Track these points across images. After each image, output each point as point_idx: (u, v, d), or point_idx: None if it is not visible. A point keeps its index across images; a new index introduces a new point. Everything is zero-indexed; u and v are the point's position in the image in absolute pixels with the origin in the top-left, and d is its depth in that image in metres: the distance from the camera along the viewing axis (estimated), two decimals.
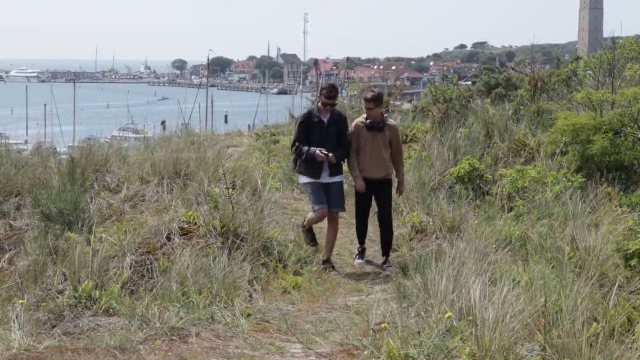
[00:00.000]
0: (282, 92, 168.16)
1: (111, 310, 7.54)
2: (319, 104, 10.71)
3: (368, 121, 10.57)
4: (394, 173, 10.89)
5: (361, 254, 10.83)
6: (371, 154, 10.53)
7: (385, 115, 11.03)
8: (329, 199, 10.48)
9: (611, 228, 10.54)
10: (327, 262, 10.42)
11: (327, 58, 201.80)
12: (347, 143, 10.66)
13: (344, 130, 10.74)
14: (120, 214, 11.99)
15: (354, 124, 10.83)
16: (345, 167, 11.20)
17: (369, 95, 10.79)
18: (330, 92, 10.62)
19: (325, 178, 10.51)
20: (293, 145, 10.65)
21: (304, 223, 10.94)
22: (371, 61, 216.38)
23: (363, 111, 11.02)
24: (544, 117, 16.91)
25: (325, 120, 10.58)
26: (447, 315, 6.04)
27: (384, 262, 10.52)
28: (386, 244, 10.68)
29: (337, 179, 10.70)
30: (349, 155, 10.71)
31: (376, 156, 10.55)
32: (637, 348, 5.98)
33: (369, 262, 10.79)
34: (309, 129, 10.54)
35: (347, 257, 10.85)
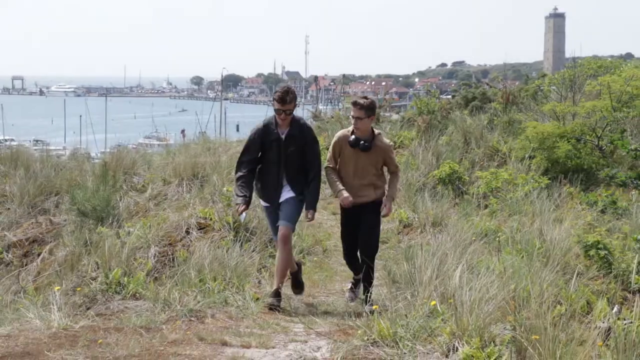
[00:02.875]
0: None
1: (138, 294, 7.53)
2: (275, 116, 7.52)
3: (353, 137, 7.46)
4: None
5: (355, 285, 8.06)
6: (355, 176, 7.56)
7: (378, 132, 7.66)
8: (280, 213, 7.60)
9: (573, 223, 10.55)
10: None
11: (325, 75, 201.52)
12: (316, 166, 7.61)
13: (309, 146, 7.57)
14: (146, 211, 12.00)
15: (337, 135, 7.76)
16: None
17: (361, 101, 7.50)
18: (285, 95, 7.34)
19: (284, 196, 7.61)
20: (238, 166, 7.72)
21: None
22: (364, 77, 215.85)
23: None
24: (514, 126, 16.97)
25: (283, 135, 7.45)
26: (432, 303, 6.02)
27: (365, 298, 7.46)
28: (364, 283, 7.67)
29: (296, 194, 7.61)
30: (320, 179, 7.68)
31: (360, 179, 7.57)
32: (595, 327, 5.98)
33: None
34: (265, 148, 7.52)
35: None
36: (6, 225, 11.97)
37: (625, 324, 5.57)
